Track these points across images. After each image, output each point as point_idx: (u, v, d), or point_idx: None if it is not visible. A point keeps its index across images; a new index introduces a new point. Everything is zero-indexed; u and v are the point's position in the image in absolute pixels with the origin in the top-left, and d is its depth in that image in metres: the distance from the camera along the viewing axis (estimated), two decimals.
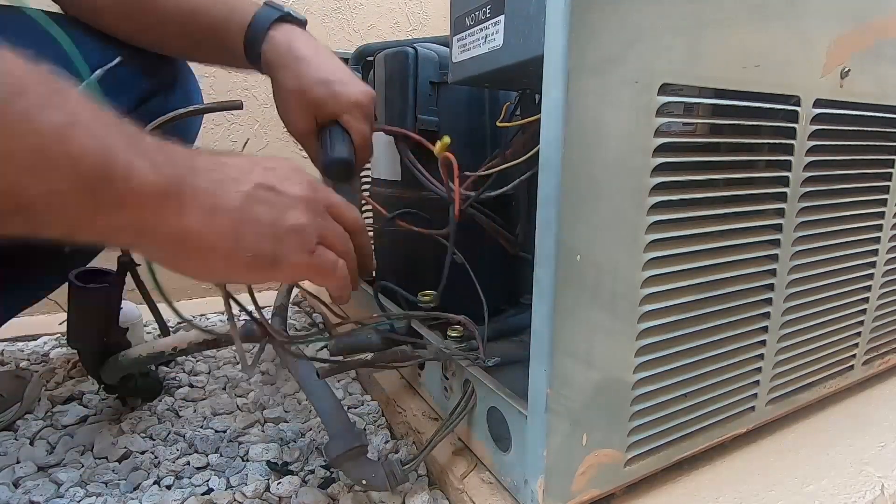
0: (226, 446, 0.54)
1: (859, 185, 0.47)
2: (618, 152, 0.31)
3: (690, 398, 0.40)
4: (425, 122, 0.59)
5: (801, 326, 0.46)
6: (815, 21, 0.39)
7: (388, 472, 0.42)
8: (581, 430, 0.35)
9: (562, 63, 0.29)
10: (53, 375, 0.69)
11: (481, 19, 0.41)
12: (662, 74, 0.32)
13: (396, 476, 0.42)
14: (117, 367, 0.54)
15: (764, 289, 0.42)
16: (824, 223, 0.45)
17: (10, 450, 0.53)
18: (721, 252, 0.39)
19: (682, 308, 0.37)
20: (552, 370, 0.32)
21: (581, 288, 0.32)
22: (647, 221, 0.34)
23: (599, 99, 0.30)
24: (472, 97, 0.61)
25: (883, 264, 0.51)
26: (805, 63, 0.39)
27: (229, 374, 0.71)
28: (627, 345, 0.35)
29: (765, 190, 0.41)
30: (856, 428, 0.50)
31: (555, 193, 0.30)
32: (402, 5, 1.23)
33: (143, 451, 0.53)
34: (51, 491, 0.47)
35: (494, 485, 0.42)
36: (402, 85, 0.60)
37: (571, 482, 0.36)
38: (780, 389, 0.47)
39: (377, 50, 0.66)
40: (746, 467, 0.44)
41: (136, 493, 0.47)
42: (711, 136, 0.38)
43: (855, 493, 0.41)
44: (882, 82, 0.45)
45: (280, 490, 0.46)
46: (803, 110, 0.40)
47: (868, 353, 0.54)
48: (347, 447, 0.42)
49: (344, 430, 0.44)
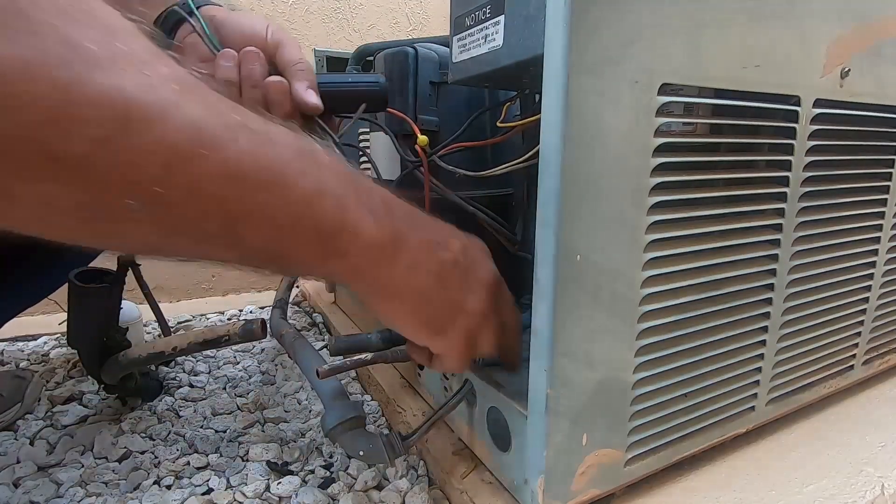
0: (226, 446, 0.54)
1: (859, 186, 0.47)
2: (618, 152, 0.31)
3: (690, 398, 0.40)
4: (425, 122, 0.59)
5: (801, 326, 0.46)
6: (815, 21, 0.39)
7: (387, 444, 0.40)
8: (581, 430, 0.35)
9: (562, 63, 0.29)
10: (53, 375, 0.69)
11: (481, 19, 0.41)
12: (662, 74, 0.32)
13: (395, 448, 0.40)
14: (117, 367, 0.54)
15: (764, 289, 0.42)
16: (824, 223, 0.45)
17: (10, 450, 0.53)
18: (721, 252, 0.39)
19: (682, 308, 0.37)
20: (552, 370, 0.32)
21: (581, 288, 0.32)
22: (647, 221, 0.34)
23: (599, 99, 0.30)
24: (472, 97, 0.61)
25: (883, 264, 0.51)
26: (805, 63, 0.39)
27: (229, 374, 0.71)
28: (627, 345, 0.35)
29: (765, 190, 0.41)
30: (856, 428, 0.50)
31: (555, 193, 0.30)
32: (402, 5, 1.24)
33: (143, 451, 0.53)
34: (51, 491, 0.47)
35: (494, 485, 0.42)
36: (402, 85, 0.60)
37: (571, 482, 0.36)
38: (780, 389, 0.47)
39: (377, 50, 0.66)
40: (746, 467, 0.44)
41: (136, 493, 0.47)
42: (711, 136, 0.38)
43: (855, 493, 0.41)
44: (882, 82, 0.45)
45: (280, 490, 0.46)
46: (803, 110, 0.40)
47: (868, 353, 0.54)
48: (343, 417, 0.41)
49: (339, 402, 0.42)
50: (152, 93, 0.21)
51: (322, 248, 0.29)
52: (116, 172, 0.21)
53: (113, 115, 0.20)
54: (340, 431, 0.41)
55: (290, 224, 0.27)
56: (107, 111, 0.20)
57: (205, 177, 0.23)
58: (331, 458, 0.51)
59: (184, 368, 0.72)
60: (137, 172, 0.21)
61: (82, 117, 0.19)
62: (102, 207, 0.22)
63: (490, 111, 0.60)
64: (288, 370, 0.72)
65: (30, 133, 0.19)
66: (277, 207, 0.26)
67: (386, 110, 0.55)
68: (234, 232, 0.26)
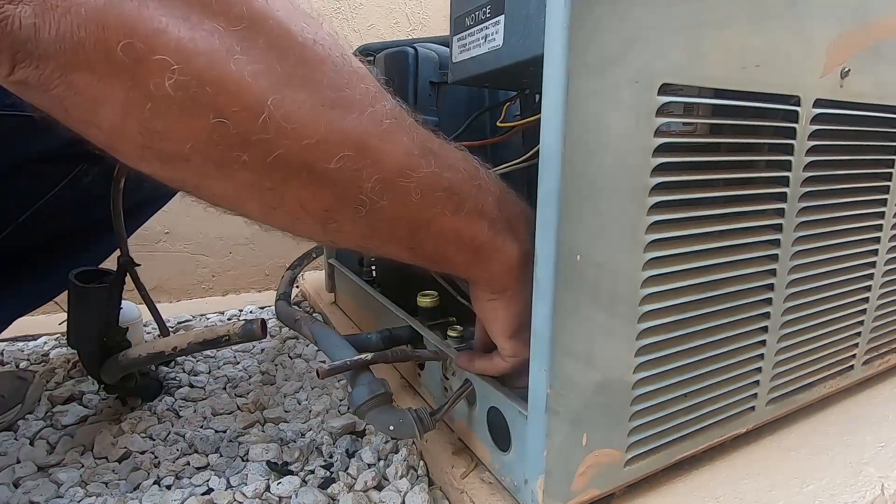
0: (226, 446, 0.54)
1: (859, 186, 0.47)
2: (618, 152, 0.31)
3: (690, 398, 0.40)
4: (425, 122, 0.59)
5: (801, 326, 0.46)
6: (815, 21, 0.39)
7: (416, 419, 0.41)
8: (581, 430, 0.35)
9: (562, 63, 0.29)
10: (53, 375, 0.69)
11: (481, 19, 0.41)
12: (662, 74, 0.32)
13: (424, 422, 0.41)
14: (117, 367, 0.54)
15: (764, 289, 0.42)
16: (824, 223, 0.45)
17: (10, 450, 0.53)
18: (721, 252, 0.39)
19: (682, 308, 0.37)
20: (552, 370, 0.32)
21: (581, 288, 0.32)
22: (647, 221, 0.34)
23: (599, 99, 0.30)
24: (472, 97, 0.61)
25: (883, 264, 0.51)
26: (805, 63, 0.39)
27: (229, 374, 0.71)
28: (627, 345, 0.35)
29: (765, 190, 0.41)
30: (856, 428, 0.50)
31: (555, 193, 0.30)
32: (402, 5, 1.24)
33: (143, 451, 0.53)
34: (51, 491, 0.47)
35: (494, 485, 0.42)
36: (402, 85, 0.60)
37: (571, 482, 0.36)
38: (780, 389, 0.47)
39: (377, 50, 0.66)
40: (746, 467, 0.44)
41: (136, 493, 0.47)
42: (711, 136, 0.38)
43: (855, 493, 0.41)
44: (882, 82, 0.45)
45: (280, 490, 0.46)
46: (803, 110, 0.40)
47: (868, 353, 0.54)
48: (372, 394, 0.41)
49: (366, 378, 0.43)
50: (378, 127, 0.28)
51: (474, 257, 0.35)
52: (353, 186, 0.28)
53: (354, 146, 0.27)
54: (369, 407, 0.41)
55: (455, 235, 0.34)
56: (350, 144, 0.27)
57: (404, 194, 0.30)
58: (331, 458, 0.51)
59: (184, 368, 0.72)
60: (364, 187, 0.29)
61: (336, 146, 0.27)
62: (340, 210, 0.29)
63: (490, 111, 0.60)
64: (288, 370, 0.72)
65: (302, 155, 0.26)
66: (448, 221, 0.33)
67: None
68: (416, 237, 0.33)
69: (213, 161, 0.25)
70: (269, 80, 0.24)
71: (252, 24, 0.24)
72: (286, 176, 0.27)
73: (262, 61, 0.24)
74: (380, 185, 0.29)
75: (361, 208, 0.29)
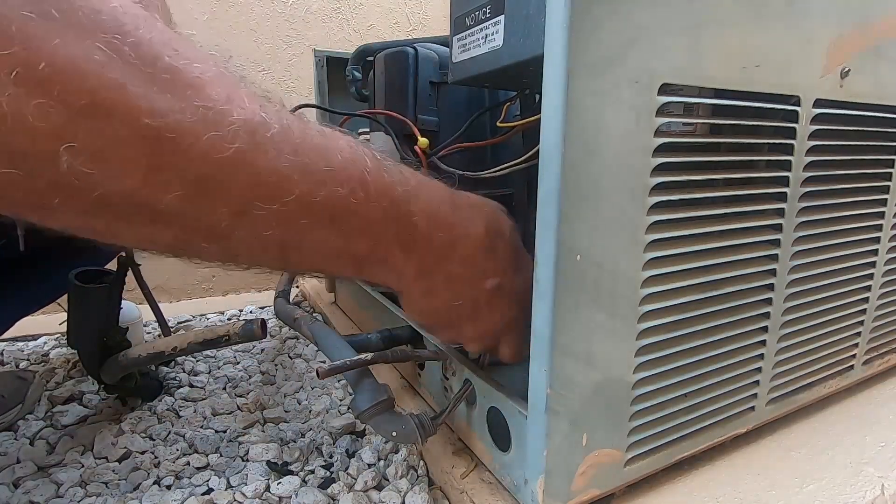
0: (226, 446, 0.54)
1: (859, 186, 0.47)
2: (618, 152, 0.31)
3: (690, 398, 0.40)
4: (425, 122, 0.59)
5: (801, 326, 0.46)
6: (815, 21, 0.39)
7: (418, 424, 0.41)
8: (581, 430, 0.35)
9: (562, 63, 0.29)
10: (53, 375, 0.69)
11: (481, 19, 0.41)
12: (662, 74, 0.32)
13: (426, 428, 0.41)
14: (117, 367, 0.54)
15: (764, 289, 0.42)
16: (824, 223, 0.45)
17: (10, 450, 0.53)
18: (721, 252, 0.39)
19: (682, 308, 0.37)
20: (552, 370, 0.32)
21: (581, 288, 0.32)
22: (647, 221, 0.34)
23: (599, 99, 0.30)
24: (472, 97, 0.61)
25: (883, 264, 0.51)
26: (805, 63, 0.39)
27: (229, 374, 0.71)
28: (627, 345, 0.35)
29: (765, 190, 0.41)
30: (856, 428, 0.50)
31: (555, 193, 0.30)
32: (402, 5, 1.24)
33: (143, 451, 0.53)
34: (51, 491, 0.47)
35: (494, 485, 0.42)
36: (402, 85, 0.60)
37: (571, 482, 0.36)
38: (780, 389, 0.47)
39: (377, 50, 0.66)
40: (746, 467, 0.44)
41: (136, 493, 0.47)
42: (711, 136, 0.38)
43: (855, 493, 0.41)
44: (882, 82, 0.45)
45: (280, 490, 0.46)
46: (803, 110, 0.40)
47: (868, 353, 0.54)
48: (375, 400, 0.42)
49: (368, 384, 0.43)
50: (220, 154, 0.25)
51: (358, 270, 0.34)
52: (196, 221, 0.26)
53: (194, 178, 0.25)
54: (372, 414, 0.41)
55: (333, 255, 0.32)
56: (190, 175, 0.24)
57: (262, 222, 0.28)
58: (331, 459, 0.51)
59: (184, 368, 0.72)
60: (210, 220, 0.26)
61: (171, 181, 0.24)
62: (188, 245, 0.28)
63: (490, 111, 0.60)
64: (288, 370, 0.72)
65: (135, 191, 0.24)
66: (322, 242, 0.31)
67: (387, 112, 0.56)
68: (286, 258, 0.31)
69: (30, 206, 0.23)
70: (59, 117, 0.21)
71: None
72: (116, 216, 0.25)
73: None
74: (230, 218, 0.27)
75: (212, 241, 0.28)
